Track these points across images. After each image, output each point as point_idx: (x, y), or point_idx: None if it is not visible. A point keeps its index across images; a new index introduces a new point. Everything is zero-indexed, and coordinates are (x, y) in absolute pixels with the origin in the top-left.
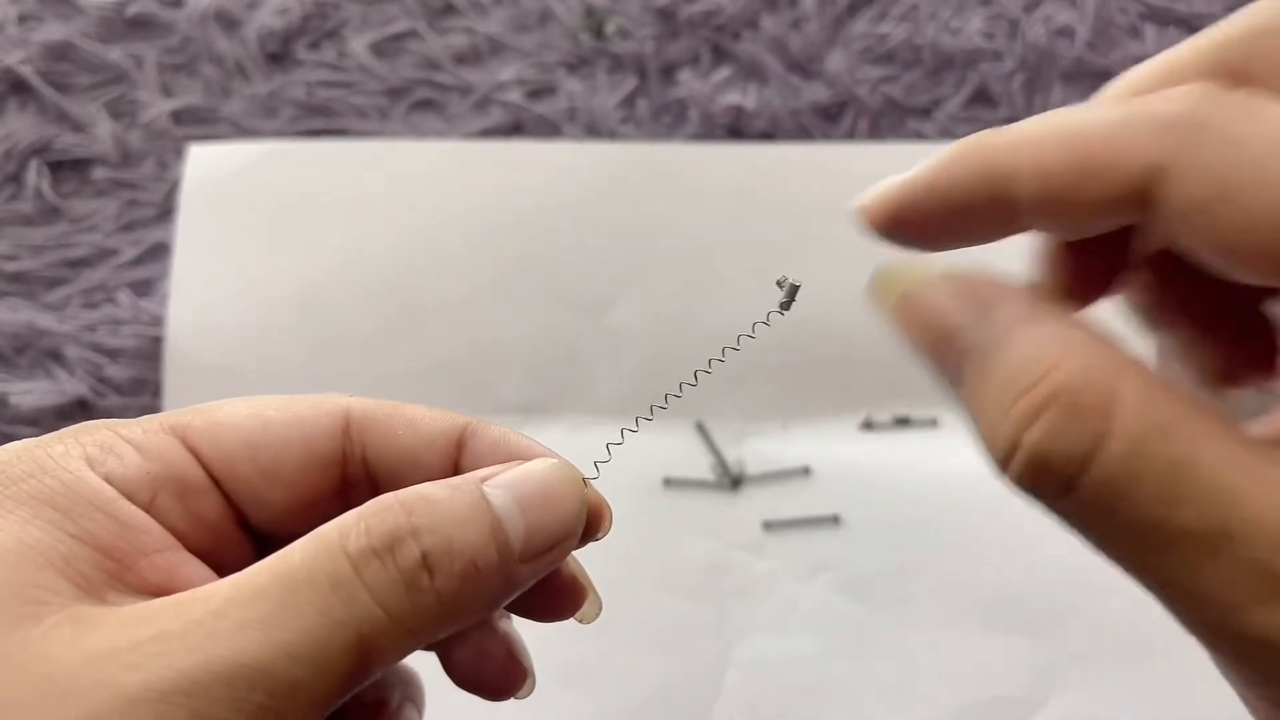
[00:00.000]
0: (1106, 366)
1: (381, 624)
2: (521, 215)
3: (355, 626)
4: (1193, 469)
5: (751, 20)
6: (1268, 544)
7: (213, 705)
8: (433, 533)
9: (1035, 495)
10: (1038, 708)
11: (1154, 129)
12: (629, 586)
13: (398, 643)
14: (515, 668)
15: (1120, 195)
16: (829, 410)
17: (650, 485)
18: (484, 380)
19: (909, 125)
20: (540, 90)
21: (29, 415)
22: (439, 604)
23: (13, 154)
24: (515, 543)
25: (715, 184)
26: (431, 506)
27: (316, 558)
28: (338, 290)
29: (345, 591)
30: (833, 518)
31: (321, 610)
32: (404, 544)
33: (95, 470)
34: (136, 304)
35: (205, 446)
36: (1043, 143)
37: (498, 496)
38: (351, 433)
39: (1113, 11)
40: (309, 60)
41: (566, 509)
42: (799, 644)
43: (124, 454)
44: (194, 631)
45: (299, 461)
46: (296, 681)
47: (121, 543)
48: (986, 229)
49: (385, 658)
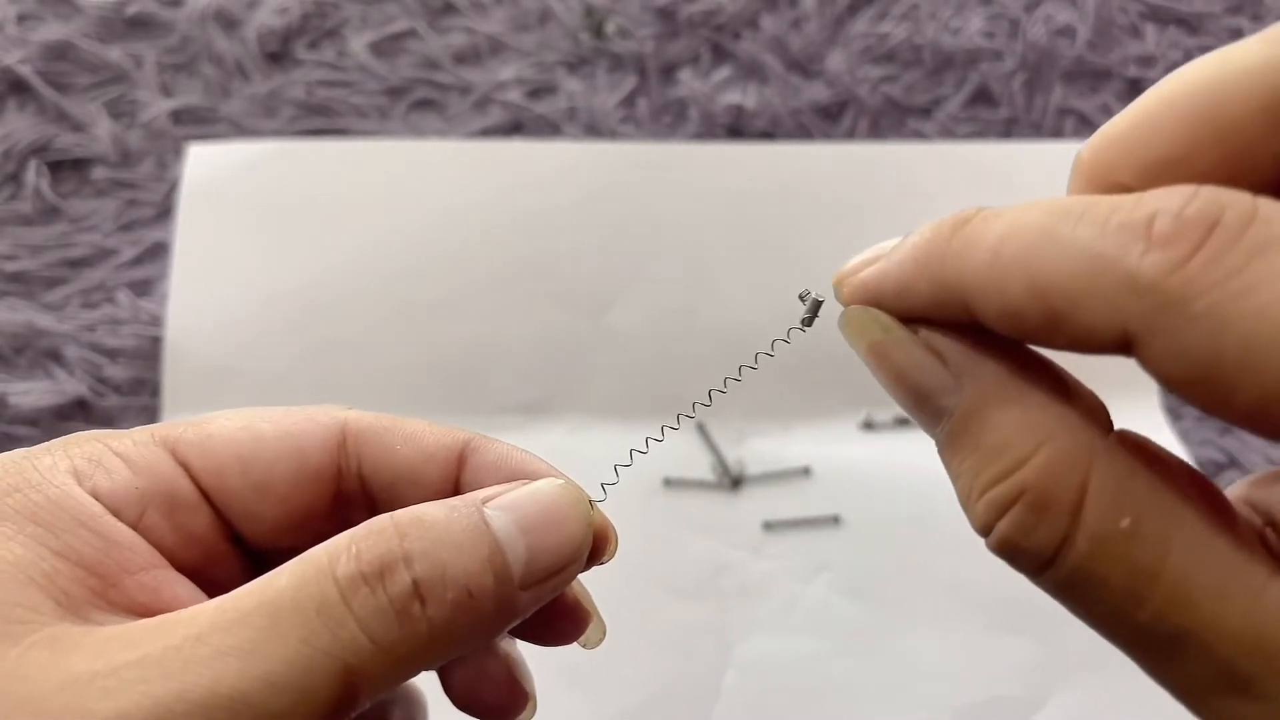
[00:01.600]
0: (1076, 459)
1: (369, 654)
2: (521, 215)
3: (341, 656)
4: (1153, 575)
5: (751, 20)
6: (1224, 647)
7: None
8: (425, 558)
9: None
10: (1038, 708)
11: (1126, 293)
12: (629, 586)
13: (387, 673)
14: (516, 692)
15: (1094, 348)
16: (829, 410)
17: (650, 485)
18: (484, 380)
19: (909, 125)
20: (540, 90)
21: (29, 415)
22: (430, 632)
23: (12, 154)
24: (515, 568)
25: (715, 184)
26: (426, 529)
27: (304, 583)
28: (337, 289)
29: (332, 619)
30: (833, 518)
31: (305, 639)
32: (395, 570)
33: (83, 485)
34: (136, 304)
35: (196, 460)
36: (1007, 284)
37: (498, 519)
38: (347, 447)
39: (1113, 11)
40: (309, 60)
41: (571, 533)
42: (799, 644)
43: (112, 468)
44: (172, 658)
45: (292, 476)
46: (278, 712)
47: (107, 560)
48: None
49: (374, 688)
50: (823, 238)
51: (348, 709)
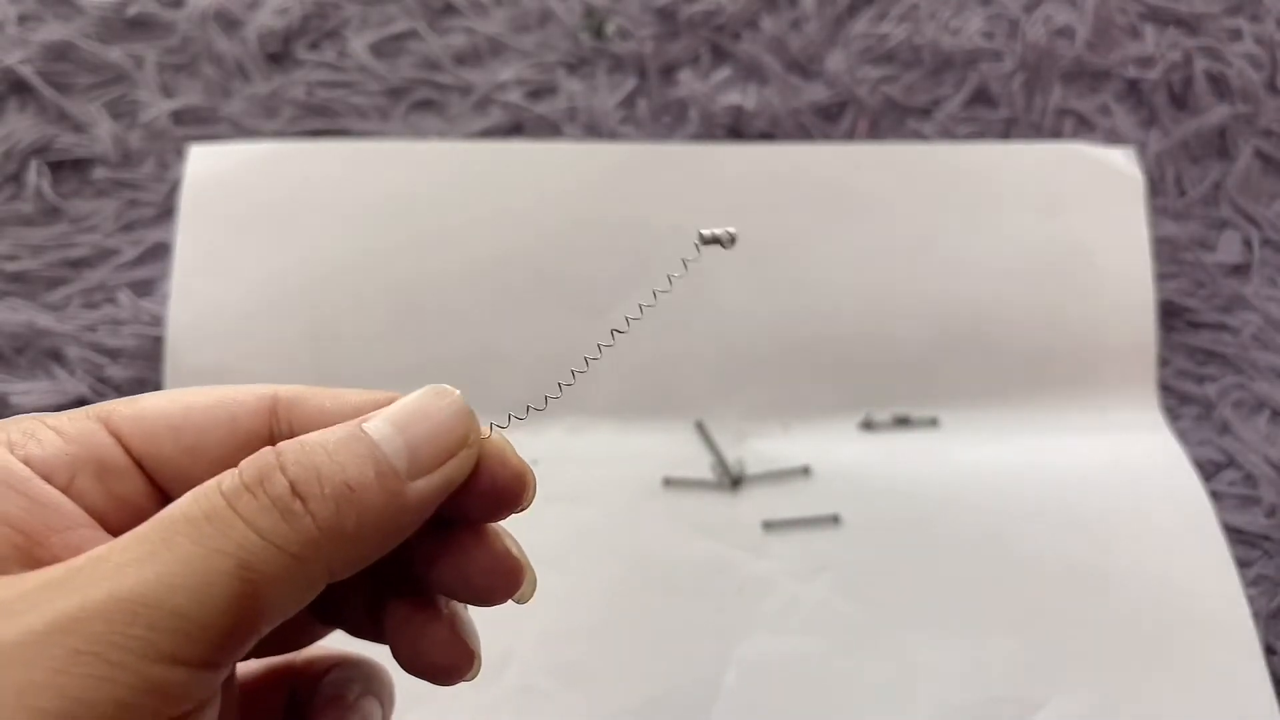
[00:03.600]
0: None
1: (261, 549)
2: (521, 215)
3: (234, 553)
4: None
5: (751, 20)
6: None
7: (91, 642)
8: (298, 464)
9: None
10: (1038, 708)
11: None
12: (629, 586)
13: (285, 570)
14: (460, 650)
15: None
16: (829, 410)
17: (650, 485)
18: (484, 380)
19: (909, 125)
20: (540, 90)
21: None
22: (319, 527)
23: (13, 154)
24: (397, 461)
25: (715, 184)
26: (301, 444)
27: (194, 499)
28: (338, 290)
29: (220, 521)
30: (833, 518)
31: (197, 540)
32: (272, 476)
33: (15, 454)
34: (136, 304)
35: (128, 429)
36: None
37: (372, 425)
38: (279, 411)
39: (1112, 11)
40: (309, 60)
41: (446, 420)
42: (799, 644)
43: (44, 438)
44: (74, 577)
45: (223, 438)
46: (178, 610)
47: (33, 520)
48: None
49: (277, 588)
50: (823, 238)
51: (253, 608)
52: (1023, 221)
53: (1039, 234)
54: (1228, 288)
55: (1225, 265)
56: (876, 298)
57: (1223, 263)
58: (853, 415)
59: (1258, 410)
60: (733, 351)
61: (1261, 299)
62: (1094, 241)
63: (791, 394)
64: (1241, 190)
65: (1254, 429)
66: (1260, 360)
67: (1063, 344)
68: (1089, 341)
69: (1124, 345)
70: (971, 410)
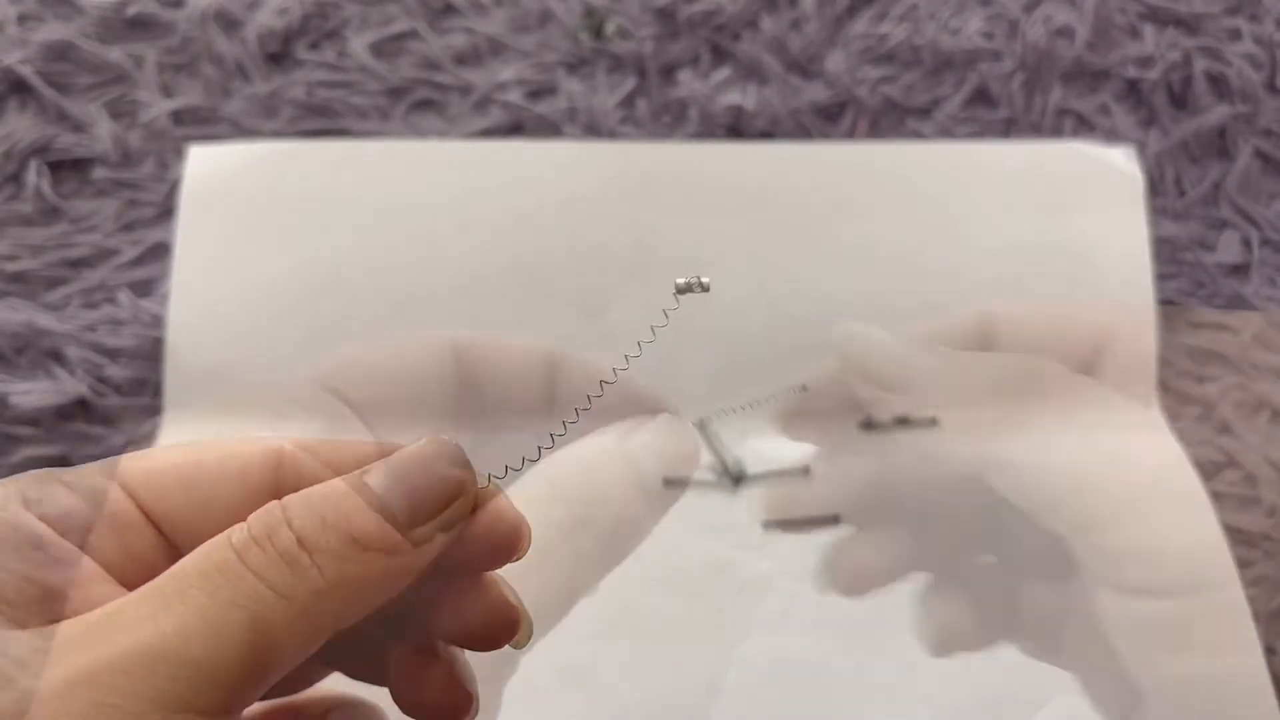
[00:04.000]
0: None
1: (271, 601)
2: (521, 215)
3: (246, 605)
4: None
5: (751, 20)
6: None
7: (114, 694)
8: (303, 517)
9: None
10: (1038, 708)
11: None
12: (629, 586)
13: (294, 620)
14: (459, 693)
15: None
16: (829, 410)
17: (650, 485)
18: (483, 379)
19: (908, 125)
20: (540, 90)
21: (29, 415)
22: (325, 578)
23: (13, 154)
24: (398, 511)
25: (715, 184)
26: (306, 498)
27: (206, 554)
28: (338, 290)
29: (232, 574)
30: (833, 518)
31: (210, 593)
32: (279, 530)
33: (31, 511)
34: (136, 304)
35: (139, 485)
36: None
37: (374, 476)
38: (285, 464)
39: (1112, 11)
40: (309, 60)
41: (443, 469)
42: (799, 643)
43: (58, 495)
44: (94, 632)
45: (233, 493)
46: (194, 660)
47: (53, 576)
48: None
49: (286, 637)
50: (823, 238)
51: (265, 659)
52: (1022, 221)
53: (1038, 233)
54: (1228, 288)
55: (1225, 265)
56: (876, 297)
57: (1222, 263)
58: (853, 415)
59: (1258, 410)
60: (733, 351)
61: (1261, 299)
62: (1094, 241)
63: (791, 394)
64: (1241, 190)
65: (1254, 429)
66: (1261, 360)
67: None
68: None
69: (1124, 345)
70: (971, 410)
